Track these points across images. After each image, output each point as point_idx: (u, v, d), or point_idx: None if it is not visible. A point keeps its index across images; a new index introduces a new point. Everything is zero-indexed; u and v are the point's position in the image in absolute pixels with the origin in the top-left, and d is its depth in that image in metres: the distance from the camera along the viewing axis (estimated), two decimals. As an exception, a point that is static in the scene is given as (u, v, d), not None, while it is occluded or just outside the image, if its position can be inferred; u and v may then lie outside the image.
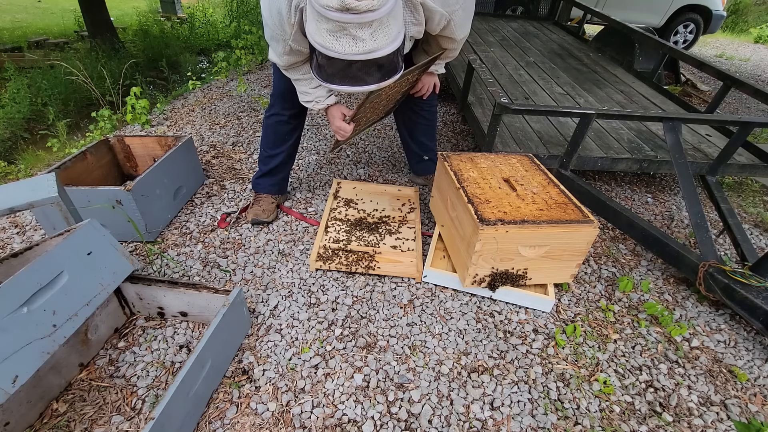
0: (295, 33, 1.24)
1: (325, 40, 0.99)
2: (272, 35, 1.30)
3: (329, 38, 0.98)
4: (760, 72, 5.73)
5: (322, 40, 0.99)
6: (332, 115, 1.54)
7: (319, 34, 0.99)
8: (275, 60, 1.41)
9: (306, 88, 1.51)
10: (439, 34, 1.37)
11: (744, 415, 1.26)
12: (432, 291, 1.59)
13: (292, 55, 1.34)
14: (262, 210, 1.85)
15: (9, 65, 3.99)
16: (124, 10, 8.68)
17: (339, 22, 0.94)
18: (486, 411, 1.20)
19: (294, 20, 1.19)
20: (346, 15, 0.93)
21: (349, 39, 0.97)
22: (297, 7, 1.16)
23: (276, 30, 1.26)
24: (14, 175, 2.38)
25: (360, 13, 0.93)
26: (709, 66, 2.33)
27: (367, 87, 1.09)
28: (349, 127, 1.52)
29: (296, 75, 1.48)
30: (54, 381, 1.14)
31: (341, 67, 1.04)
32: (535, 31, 4.25)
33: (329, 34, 0.98)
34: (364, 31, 0.96)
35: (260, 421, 1.14)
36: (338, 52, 0.99)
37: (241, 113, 3.02)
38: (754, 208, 2.31)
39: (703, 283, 1.54)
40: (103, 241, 1.19)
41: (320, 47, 1.01)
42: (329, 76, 1.08)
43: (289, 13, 1.18)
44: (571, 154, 1.91)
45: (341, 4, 0.91)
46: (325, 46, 0.99)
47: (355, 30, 0.96)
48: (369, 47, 0.99)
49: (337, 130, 1.53)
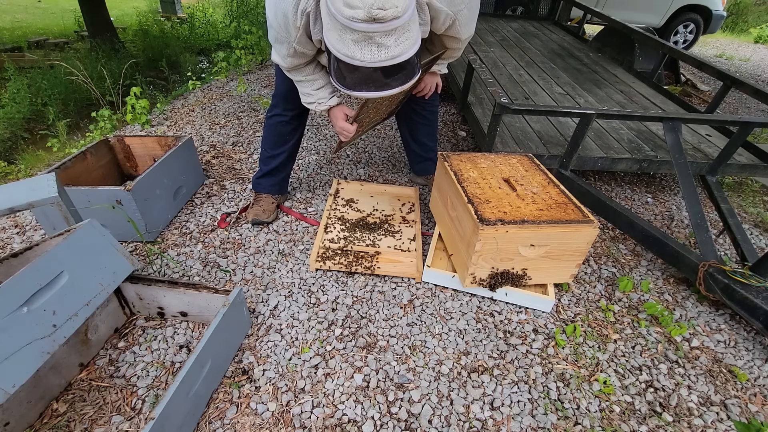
0: (300, 36, 1.24)
1: (350, 50, 0.99)
2: (276, 37, 1.29)
3: (354, 48, 0.99)
4: (760, 72, 5.73)
5: (346, 51, 1.00)
6: (335, 116, 1.55)
7: (343, 45, 1.00)
8: (278, 61, 1.41)
9: (308, 90, 1.51)
10: (444, 33, 1.37)
11: (744, 415, 1.26)
12: (432, 291, 1.59)
13: (296, 57, 1.34)
14: (263, 210, 1.85)
15: (9, 65, 3.99)
16: (124, 10, 8.67)
17: (365, 32, 0.95)
18: (486, 411, 1.20)
19: (300, 23, 1.19)
20: (372, 25, 0.94)
21: (374, 47, 0.98)
22: (303, 12, 1.16)
23: (281, 32, 1.25)
24: (14, 175, 2.38)
25: (386, 22, 0.94)
26: (709, 66, 2.34)
27: (391, 91, 1.12)
28: (352, 128, 1.52)
29: (299, 77, 1.48)
30: (54, 381, 1.14)
31: (365, 75, 1.05)
32: (535, 31, 4.25)
33: (354, 44, 0.98)
34: (389, 38, 0.97)
35: (260, 421, 1.14)
36: (364, 61, 1.00)
37: (241, 113, 3.03)
38: (754, 208, 2.31)
39: (703, 283, 1.54)
40: (103, 241, 1.19)
41: (345, 57, 1.01)
42: (353, 84, 1.09)
43: (295, 17, 1.18)
44: (571, 154, 1.91)
45: (368, 15, 0.92)
46: (351, 55, 1.00)
47: (381, 38, 0.97)
48: (394, 53, 1.00)
49: (341, 131, 1.53)
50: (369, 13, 0.91)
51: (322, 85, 1.51)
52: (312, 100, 1.53)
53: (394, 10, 0.93)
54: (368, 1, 0.91)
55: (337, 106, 1.55)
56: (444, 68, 1.70)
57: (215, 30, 6.99)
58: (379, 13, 0.92)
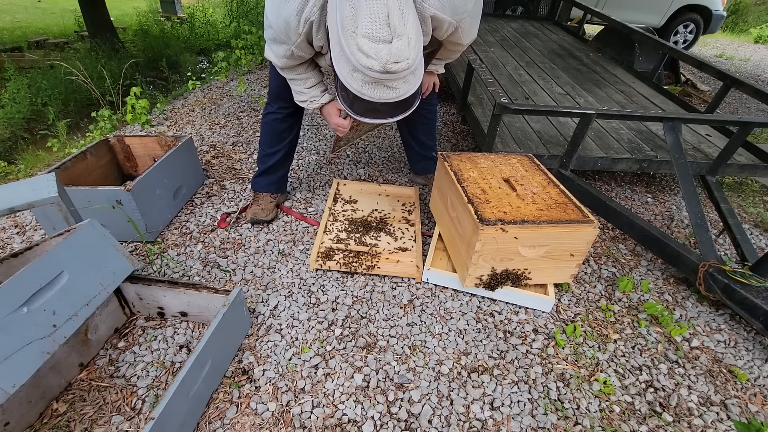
0: (301, 41, 1.24)
1: (361, 87, 1.05)
2: (275, 37, 1.29)
3: (365, 87, 1.04)
4: (760, 72, 5.73)
5: (357, 87, 1.05)
6: (328, 113, 1.56)
7: (355, 82, 1.05)
8: (273, 59, 1.40)
9: (301, 88, 1.51)
10: (447, 39, 1.37)
11: (744, 415, 1.26)
12: (432, 291, 1.59)
13: (292, 59, 1.35)
14: (261, 209, 1.85)
15: (9, 65, 3.98)
16: (124, 10, 8.67)
17: (377, 79, 1.01)
18: (486, 411, 1.20)
19: (302, 30, 1.20)
20: (385, 75, 0.99)
21: (384, 88, 1.04)
22: (306, 20, 1.17)
23: (280, 34, 1.25)
24: (14, 175, 2.38)
25: (398, 72, 1.00)
26: (709, 66, 2.34)
27: (393, 119, 1.19)
28: (347, 123, 1.54)
29: (291, 75, 1.48)
30: (54, 381, 1.14)
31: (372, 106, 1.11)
32: (535, 31, 4.25)
33: (365, 84, 1.04)
34: (398, 83, 1.04)
35: (260, 421, 1.14)
36: (373, 98, 1.06)
37: (241, 113, 3.03)
38: (754, 208, 2.31)
39: (703, 283, 1.54)
40: (103, 241, 1.19)
41: (355, 91, 1.06)
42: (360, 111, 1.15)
43: (297, 24, 1.18)
44: (571, 154, 1.91)
45: (383, 68, 0.97)
46: (361, 92, 1.05)
47: (391, 83, 1.03)
48: (401, 93, 1.06)
49: (336, 127, 1.55)
50: (384, 66, 0.97)
51: (314, 83, 1.52)
52: (305, 98, 1.54)
53: (405, 62, 0.99)
54: (383, 56, 0.96)
55: (330, 103, 1.56)
56: (441, 68, 1.70)
57: (215, 30, 6.99)
58: (393, 67, 0.97)
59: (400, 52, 0.97)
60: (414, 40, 0.99)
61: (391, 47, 0.96)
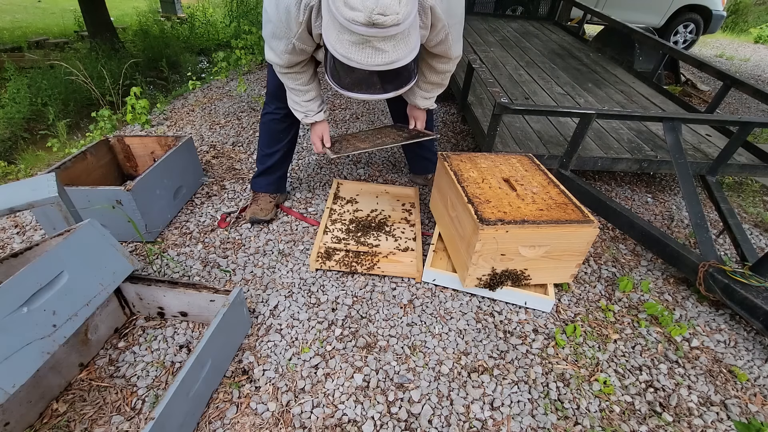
0: (302, 31, 1.22)
1: (348, 50, 0.98)
2: (274, 32, 1.27)
3: (352, 49, 0.98)
4: (760, 72, 5.73)
5: (344, 51, 0.99)
6: (314, 131, 1.63)
7: (341, 45, 0.99)
8: (274, 60, 1.39)
9: (299, 99, 1.53)
10: (435, 51, 1.37)
11: (744, 415, 1.26)
12: (432, 291, 1.59)
13: (293, 54, 1.33)
14: (260, 209, 1.85)
15: (9, 65, 3.99)
16: (124, 10, 8.67)
17: (363, 35, 0.94)
18: (486, 411, 1.20)
19: (303, 18, 1.17)
20: (371, 29, 0.93)
21: (372, 50, 0.97)
22: (307, 6, 1.15)
23: (280, 27, 1.23)
24: (14, 175, 2.38)
25: (386, 28, 0.93)
26: (709, 66, 2.34)
27: (385, 95, 1.12)
28: (321, 149, 1.63)
29: (292, 83, 1.48)
30: (54, 381, 1.14)
31: (361, 77, 1.05)
32: (535, 31, 4.25)
33: (352, 46, 0.98)
34: (387, 44, 0.97)
35: (260, 421, 1.14)
36: (360, 63, 0.99)
37: (241, 113, 3.02)
38: (754, 208, 2.31)
39: (703, 283, 1.54)
40: (103, 241, 1.19)
41: (342, 57, 1.00)
42: (348, 85, 1.08)
43: (298, 11, 1.16)
44: (571, 154, 1.91)
45: (368, 19, 0.91)
46: (347, 56, 0.99)
47: (379, 43, 0.96)
48: (391, 58, 0.99)
49: (312, 142, 1.64)
50: (369, 17, 0.91)
51: (312, 97, 1.54)
52: (301, 110, 1.55)
53: (394, 17, 0.92)
54: (369, 5, 0.90)
55: (320, 124, 1.60)
56: (432, 102, 1.69)
57: (215, 30, 6.99)
58: (379, 19, 0.91)
59: (389, 4, 0.91)
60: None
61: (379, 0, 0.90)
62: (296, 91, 1.51)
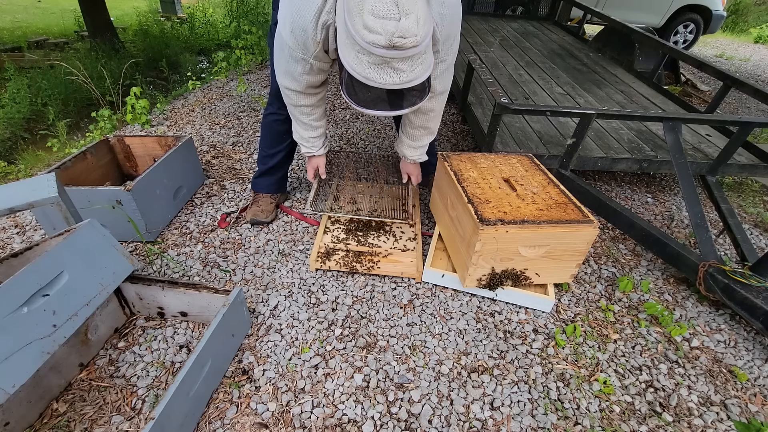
0: (318, 51, 1.23)
1: (366, 71, 1.00)
2: (292, 55, 1.26)
3: (371, 69, 1.00)
4: (760, 72, 5.72)
5: (362, 71, 1.01)
6: (311, 162, 1.73)
7: (360, 65, 1.00)
8: (291, 86, 1.38)
9: (307, 135, 1.58)
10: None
11: (744, 415, 1.26)
12: (432, 291, 1.59)
13: (311, 74, 1.33)
14: (261, 210, 1.85)
15: (9, 65, 3.99)
16: (124, 10, 8.67)
17: (383, 56, 0.96)
18: (486, 411, 1.20)
19: (320, 38, 1.18)
20: (391, 51, 0.95)
21: (390, 70, 0.99)
22: (324, 25, 1.15)
23: (297, 50, 1.23)
24: (14, 175, 2.38)
25: (405, 50, 0.95)
26: (709, 66, 2.33)
27: (401, 111, 1.13)
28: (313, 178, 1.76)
29: (305, 119, 1.51)
30: (54, 381, 1.14)
31: (378, 94, 1.07)
32: (535, 31, 4.25)
33: (370, 66, 0.99)
34: (405, 64, 0.99)
35: (260, 421, 1.14)
36: (379, 83, 1.01)
37: (241, 113, 3.02)
38: (754, 208, 2.31)
39: (703, 283, 1.54)
40: (103, 241, 1.19)
41: (360, 77, 1.02)
42: (365, 102, 1.10)
43: (315, 31, 1.16)
44: (571, 154, 1.91)
45: (388, 42, 0.93)
46: (366, 76, 1.01)
47: (398, 63, 0.98)
48: (408, 77, 1.01)
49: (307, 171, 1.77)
50: (390, 40, 0.92)
51: (321, 134, 1.60)
52: (307, 145, 1.62)
53: (413, 39, 0.94)
54: (389, 29, 0.92)
55: (319, 157, 1.71)
56: (422, 153, 1.71)
57: (215, 30, 6.99)
58: (399, 41, 0.93)
59: (408, 27, 0.92)
60: (423, 20, 0.95)
61: (399, 23, 0.92)
62: (307, 126, 1.54)
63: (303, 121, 1.52)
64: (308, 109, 1.48)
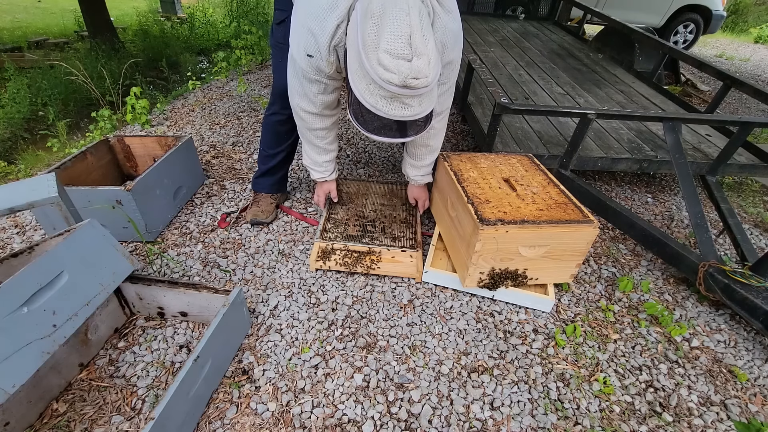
0: (333, 71, 1.26)
1: (377, 102, 1.04)
2: (306, 76, 1.29)
3: (381, 102, 1.04)
4: (760, 72, 5.73)
5: (373, 102, 1.05)
6: (321, 187, 1.76)
7: (371, 96, 1.04)
8: (308, 108, 1.41)
9: (320, 159, 1.59)
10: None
11: (744, 415, 1.26)
12: (432, 291, 1.59)
13: (326, 94, 1.36)
14: (261, 210, 1.85)
15: (9, 65, 3.99)
16: (124, 10, 8.67)
17: (394, 93, 1.01)
18: (486, 411, 1.20)
19: (333, 58, 1.21)
20: (402, 89, 0.99)
21: (400, 105, 1.04)
22: (336, 47, 1.19)
23: (310, 72, 1.26)
24: (14, 175, 2.38)
25: (417, 89, 1.00)
26: (709, 66, 2.34)
27: (407, 139, 1.19)
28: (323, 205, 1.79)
29: (320, 142, 1.53)
30: (54, 381, 1.14)
31: (385, 123, 1.11)
32: (535, 31, 4.25)
33: (381, 98, 1.03)
34: (414, 100, 1.04)
35: (260, 421, 1.14)
36: (387, 114, 1.05)
37: (241, 113, 3.02)
38: (754, 208, 2.31)
39: (703, 283, 1.54)
40: (103, 241, 1.19)
41: (370, 107, 1.06)
42: (372, 129, 1.15)
43: (327, 53, 1.19)
44: (571, 154, 1.91)
45: (402, 82, 0.97)
46: (376, 107, 1.05)
47: (407, 99, 1.03)
48: (416, 111, 1.06)
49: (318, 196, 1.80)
50: (403, 81, 0.97)
51: (333, 158, 1.62)
52: (319, 170, 1.64)
53: (424, 80, 0.99)
54: (404, 71, 0.96)
55: (329, 182, 1.73)
56: (428, 174, 1.73)
57: (215, 30, 6.99)
58: (412, 82, 0.98)
59: (420, 69, 0.97)
60: (433, 61, 1.00)
61: (412, 64, 0.97)
62: (320, 150, 1.55)
63: (317, 144, 1.54)
64: (323, 132, 1.50)
